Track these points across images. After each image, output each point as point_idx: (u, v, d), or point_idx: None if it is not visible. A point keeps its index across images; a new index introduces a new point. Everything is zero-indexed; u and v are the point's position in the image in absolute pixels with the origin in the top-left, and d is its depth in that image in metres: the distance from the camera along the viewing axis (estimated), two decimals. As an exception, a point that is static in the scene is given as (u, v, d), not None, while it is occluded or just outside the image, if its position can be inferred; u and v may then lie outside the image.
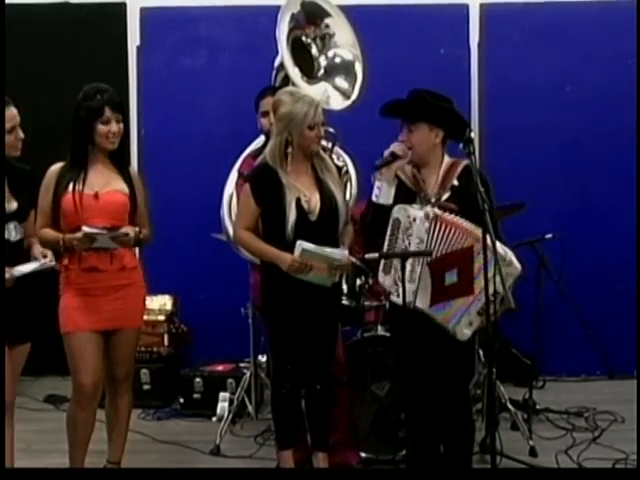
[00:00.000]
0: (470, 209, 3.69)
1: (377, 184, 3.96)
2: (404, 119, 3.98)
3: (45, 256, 3.74)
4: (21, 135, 3.61)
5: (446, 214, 3.87)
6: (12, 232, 3.61)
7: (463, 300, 3.84)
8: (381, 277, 4.01)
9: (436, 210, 3.88)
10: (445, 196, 3.95)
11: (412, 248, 3.88)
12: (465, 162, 3.96)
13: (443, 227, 3.86)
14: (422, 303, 3.89)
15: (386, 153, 3.95)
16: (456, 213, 3.88)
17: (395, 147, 3.95)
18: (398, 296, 3.89)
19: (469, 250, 3.81)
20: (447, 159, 4.02)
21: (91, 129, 3.96)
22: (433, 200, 3.93)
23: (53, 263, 3.69)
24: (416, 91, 3.97)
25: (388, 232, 3.93)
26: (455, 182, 3.97)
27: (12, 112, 3.59)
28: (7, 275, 3.50)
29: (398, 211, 3.92)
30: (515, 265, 3.83)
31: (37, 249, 3.72)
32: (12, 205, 3.60)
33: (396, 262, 3.89)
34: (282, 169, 4.06)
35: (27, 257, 3.70)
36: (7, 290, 3.54)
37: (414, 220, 3.88)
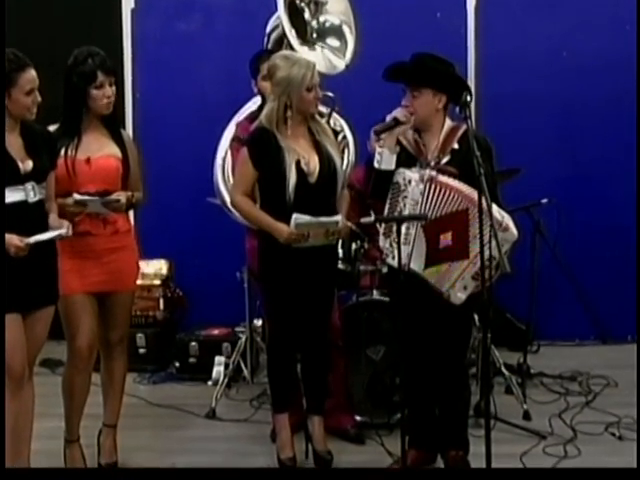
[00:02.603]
0: (470, 173, 3.68)
1: (378, 150, 3.95)
2: (408, 85, 3.95)
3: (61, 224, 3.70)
4: (38, 98, 3.58)
5: (442, 176, 3.87)
6: (30, 192, 3.58)
7: (458, 263, 3.86)
8: (381, 241, 4.02)
9: (431, 172, 3.88)
10: (445, 160, 3.94)
11: (407, 210, 3.90)
12: (464, 126, 3.91)
13: (438, 189, 3.86)
14: (417, 266, 3.91)
15: (388, 118, 3.94)
16: (455, 176, 3.88)
17: (398, 113, 3.93)
18: (393, 258, 3.91)
19: (464, 213, 3.80)
20: (449, 123, 4.01)
21: (85, 94, 3.94)
22: (433, 164, 3.93)
23: (70, 233, 3.66)
24: (420, 56, 3.96)
25: (389, 196, 3.95)
26: (455, 146, 3.96)
27: (32, 74, 3.56)
28: (22, 243, 3.49)
29: (398, 175, 3.93)
30: (512, 231, 3.84)
31: (53, 219, 3.70)
32: (27, 165, 3.58)
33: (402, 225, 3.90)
34: (280, 133, 4.05)
35: (47, 219, 3.67)
36: (27, 255, 3.52)
37: (409, 182, 3.90)
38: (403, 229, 3.86)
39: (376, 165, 3.96)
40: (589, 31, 6.13)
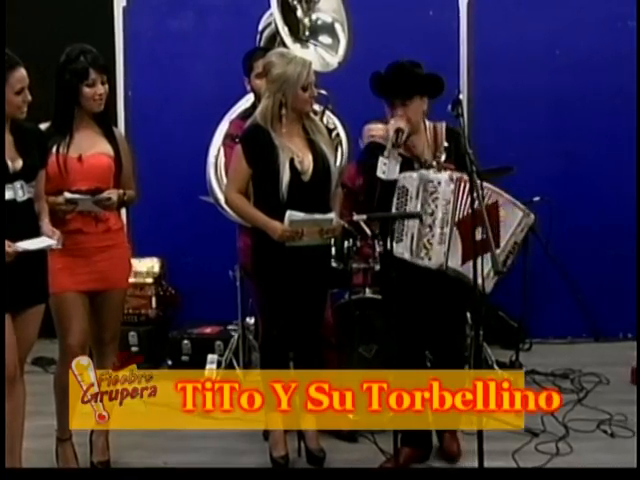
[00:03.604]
0: (463, 167, 3.73)
1: (384, 161, 3.95)
2: (401, 97, 4.00)
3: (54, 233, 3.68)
4: (29, 97, 3.57)
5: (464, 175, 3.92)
6: (19, 191, 3.56)
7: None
8: (399, 247, 3.98)
9: (456, 173, 3.95)
10: (442, 157, 4.05)
11: (440, 210, 3.94)
12: (443, 123, 4.08)
13: (468, 186, 3.89)
14: (454, 263, 3.96)
15: (391, 132, 3.95)
16: (459, 171, 3.95)
17: (399, 124, 3.96)
18: (430, 259, 3.95)
19: (494, 205, 3.91)
20: (427, 122, 4.12)
21: (76, 92, 3.93)
22: (434, 163, 4.02)
23: (60, 246, 3.65)
24: (399, 66, 4.03)
25: (395, 200, 3.98)
26: (446, 144, 4.07)
27: (22, 73, 3.54)
28: (10, 249, 3.46)
29: (404, 179, 3.97)
30: (530, 215, 4.04)
31: (47, 227, 3.68)
32: (17, 164, 3.57)
33: (410, 229, 3.95)
34: (275, 130, 4.05)
35: (36, 219, 3.66)
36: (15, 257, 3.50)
37: (439, 184, 3.94)
38: (437, 230, 3.93)
39: (383, 176, 3.96)
40: (582, 29, 6.14)
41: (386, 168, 3.95)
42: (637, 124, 5.97)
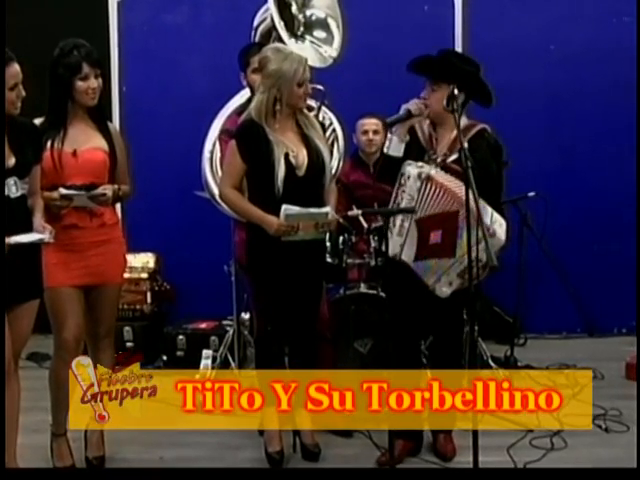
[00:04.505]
0: (476, 172, 3.66)
1: (388, 136, 4.09)
2: (428, 78, 4.04)
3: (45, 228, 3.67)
4: (22, 93, 3.55)
5: (439, 176, 3.91)
6: (12, 188, 3.55)
7: (445, 260, 3.93)
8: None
9: (431, 171, 3.93)
10: (452, 157, 4.01)
11: (403, 204, 3.97)
12: (481, 126, 4.07)
13: (433, 188, 3.92)
14: (407, 257, 3.99)
15: (402, 110, 4.02)
16: (459, 175, 3.88)
17: (411, 105, 4.02)
18: (387, 247, 3.98)
19: (454, 214, 3.87)
20: (464, 121, 4.06)
21: (70, 86, 3.92)
22: (439, 160, 4.02)
23: (53, 240, 3.64)
24: (446, 52, 4.09)
25: (396, 185, 4.02)
26: (465, 144, 3.97)
27: (15, 69, 3.52)
28: None
29: (407, 165, 4.00)
30: (498, 237, 3.90)
31: (38, 222, 3.67)
32: (10, 161, 3.55)
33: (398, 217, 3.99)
34: (269, 126, 4.04)
35: (29, 216, 3.65)
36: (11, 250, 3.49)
37: (408, 178, 3.97)
38: (398, 221, 3.97)
39: (385, 150, 4.09)
40: (576, 23, 6.15)
41: (389, 143, 4.06)
42: (637, 118, 5.97)
